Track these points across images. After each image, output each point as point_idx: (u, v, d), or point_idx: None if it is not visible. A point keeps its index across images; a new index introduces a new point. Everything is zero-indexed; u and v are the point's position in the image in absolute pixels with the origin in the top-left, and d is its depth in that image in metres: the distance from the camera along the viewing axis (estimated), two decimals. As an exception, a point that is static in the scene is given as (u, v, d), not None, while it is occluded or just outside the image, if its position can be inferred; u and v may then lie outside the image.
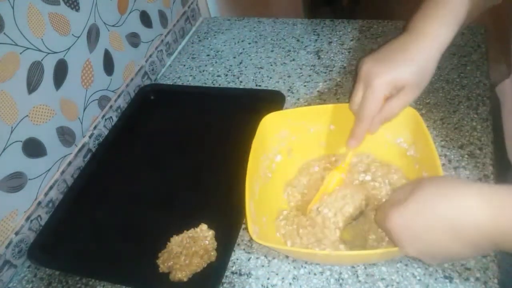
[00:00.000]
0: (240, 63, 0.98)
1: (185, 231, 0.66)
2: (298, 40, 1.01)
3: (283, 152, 0.70)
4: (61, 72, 0.76)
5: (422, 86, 0.55)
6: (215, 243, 0.64)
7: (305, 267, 0.61)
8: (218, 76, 0.96)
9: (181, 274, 0.61)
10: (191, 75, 0.99)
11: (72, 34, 0.77)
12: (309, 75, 0.91)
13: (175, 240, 0.65)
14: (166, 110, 0.91)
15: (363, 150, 0.69)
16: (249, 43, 1.03)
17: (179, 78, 1.00)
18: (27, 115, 0.70)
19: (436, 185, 0.47)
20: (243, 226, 0.66)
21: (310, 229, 0.61)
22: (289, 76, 0.92)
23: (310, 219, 0.62)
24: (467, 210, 0.43)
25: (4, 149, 0.66)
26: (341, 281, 0.59)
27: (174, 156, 0.79)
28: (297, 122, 0.68)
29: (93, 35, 0.82)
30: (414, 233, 0.46)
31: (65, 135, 0.78)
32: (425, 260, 0.50)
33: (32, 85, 0.70)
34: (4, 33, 0.64)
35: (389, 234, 0.49)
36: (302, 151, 0.70)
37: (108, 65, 0.88)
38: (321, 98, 0.85)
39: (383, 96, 0.54)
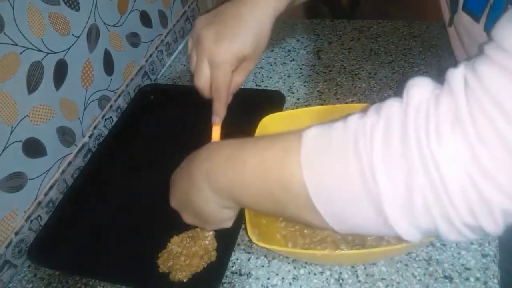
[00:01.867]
0: (240, 63, 0.98)
1: (185, 231, 0.66)
2: (298, 40, 1.01)
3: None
4: (61, 72, 0.76)
5: (260, 53, 0.58)
6: (215, 243, 0.64)
7: (305, 267, 0.61)
8: (218, 76, 0.96)
9: (181, 275, 0.61)
10: (191, 75, 0.99)
11: (72, 34, 0.77)
12: (309, 75, 0.91)
13: (175, 240, 0.65)
14: (166, 110, 0.91)
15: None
16: (249, 43, 1.03)
17: (179, 78, 1.00)
18: (27, 115, 0.70)
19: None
20: (243, 226, 0.66)
21: (314, 229, 0.61)
22: (289, 76, 0.92)
23: None
24: (196, 155, 0.52)
25: (4, 149, 0.66)
26: (341, 281, 0.59)
27: (174, 156, 0.79)
28: (296, 123, 0.68)
29: (93, 35, 0.82)
30: (173, 180, 0.57)
31: (65, 135, 0.78)
32: (181, 211, 0.57)
33: (32, 85, 0.70)
34: (4, 33, 0.64)
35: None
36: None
37: (108, 65, 0.88)
38: (321, 98, 0.85)
39: (231, 72, 0.57)
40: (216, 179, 0.48)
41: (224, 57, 0.55)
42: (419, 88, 0.36)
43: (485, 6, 0.46)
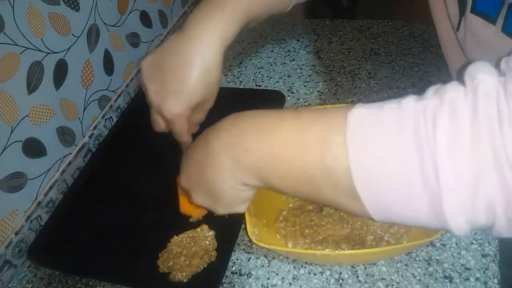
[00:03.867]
0: (240, 63, 0.98)
1: (185, 231, 0.66)
2: (298, 40, 1.01)
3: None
4: (61, 72, 0.76)
5: (215, 93, 0.54)
6: (215, 243, 0.64)
7: (305, 267, 0.61)
8: (218, 76, 0.96)
9: (181, 275, 0.61)
10: (191, 75, 0.99)
11: (72, 34, 0.77)
12: (309, 75, 0.91)
13: (175, 240, 0.65)
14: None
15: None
16: (249, 43, 1.03)
17: (179, 78, 1.00)
18: (27, 115, 0.70)
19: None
20: (243, 226, 0.66)
21: (316, 228, 0.61)
22: (289, 76, 0.92)
23: (320, 217, 0.62)
24: (215, 129, 0.46)
25: (4, 149, 0.66)
26: (341, 281, 0.59)
27: (174, 156, 0.79)
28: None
29: (93, 35, 0.82)
30: (186, 157, 0.50)
31: (65, 135, 0.78)
32: (192, 190, 0.50)
33: (32, 85, 0.70)
34: (4, 33, 0.64)
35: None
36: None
37: (108, 65, 0.88)
38: (321, 98, 0.85)
39: (185, 122, 0.55)
40: (242, 152, 0.42)
41: (174, 113, 0.52)
42: (485, 74, 0.31)
43: (501, 7, 0.44)
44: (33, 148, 0.72)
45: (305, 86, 0.89)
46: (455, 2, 0.52)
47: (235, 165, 0.43)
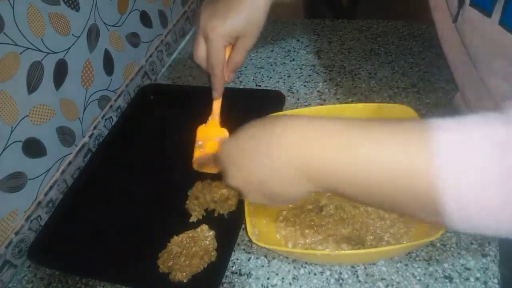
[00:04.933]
0: (240, 63, 0.98)
1: (185, 231, 0.66)
2: (298, 40, 1.01)
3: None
4: (61, 72, 0.76)
5: (257, 33, 0.59)
6: (215, 243, 0.64)
7: (305, 267, 0.61)
8: (218, 76, 0.96)
9: (181, 275, 0.61)
10: (191, 75, 0.99)
11: (72, 34, 0.77)
12: (309, 75, 0.91)
13: (175, 240, 0.65)
14: (166, 110, 0.91)
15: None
16: (249, 43, 1.03)
17: (179, 78, 1.00)
18: (27, 115, 0.70)
19: (263, 119, 0.48)
20: (243, 226, 0.66)
21: (316, 228, 0.61)
22: (289, 76, 0.92)
23: (320, 218, 0.62)
24: (280, 140, 0.43)
25: (4, 149, 0.66)
26: (341, 281, 0.59)
27: (174, 156, 0.79)
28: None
29: (93, 35, 0.82)
30: (234, 159, 0.48)
31: (65, 135, 0.78)
32: (249, 195, 0.49)
33: (32, 85, 0.70)
34: (4, 33, 0.64)
35: (221, 165, 0.50)
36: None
37: (108, 65, 0.88)
38: (321, 98, 0.85)
39: (223, 47, 0.59)
40: (315, 167, 0.42)
41: (216, 32, 0.57)
42: None
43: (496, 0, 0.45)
44: (33, 148, 0.72)
45: (305, 86, 0.89)
46: None
47: (307, 179, 0.43)
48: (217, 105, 0.66)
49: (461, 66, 0.61)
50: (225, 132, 0.66)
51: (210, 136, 0.66)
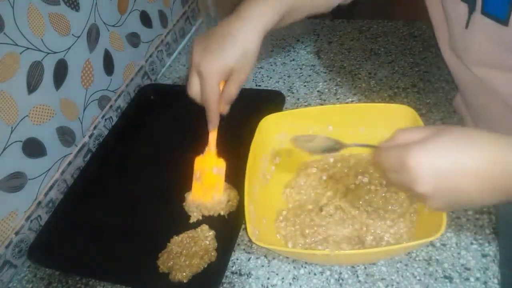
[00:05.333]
0: (240, 63, 0.98)
1: (185, 231, 0.66)
2: (298, 40, 1.01)
3: (282, 153, 0.70)
4: (61, 72, 0.76)
5: (250, 67, 0.59)
6: (216, 243, 0.64)
7: (305, 267, 0.61)
8: (218, 76, 0.96)
9: (181, 275, 0.61)
10: (191, 75, 0.99)
11: (72, 34, 0.77)
12: (309, 75, 0.91)
13: (175, 240, 0.66)
14: (166, 110, 0.91)
15: (362, 150, 0.69)
16: (249, 43, 1.03)
17: (179, 78, 1.00)
18: (27, 115, 0.70)
19: (462, 131, 0.45)
20: (243, 226, 0.66)
21: (316, 228, 0.61)
22: (289, 76, 0.92)
23: (320, 218, 0.62)
24: (496, 159, 0.42)
25: (4, 149, 0.66)
26: (341, 281, 0.59)
27: (174, 156, 0.79)
28: (295, 123, 0.68)
29: (93, 35, 0.82)
30: (436, 172, 0.43)
31: (65, 135, 0.78)
32: (435, 202, 0.46)
33: (32, 85, 0.70)
34: (4, 33, 0.64)
35: (405, 173, 0.45)
36: (300, 152, 0.70)
37: (108, 65, 0.88)
38: (321, 98, 0.85)
39: (216, 83, 0.58)
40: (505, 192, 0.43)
41: (210, 69, 0.56)
42: None
43: (510, 9, 0.45)
44: (33, 148, 0.72)
45: (305, 86, 0.89)
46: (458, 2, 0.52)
47: (501, 193, 0.43)
48: (213, 136, 0.66)
49: (459, 69, 0.60)
50: (222, 162, 0.66)
51: (207, 167, 0.66)
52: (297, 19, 0.63)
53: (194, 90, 0.60)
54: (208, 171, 0.66)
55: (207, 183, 0.67)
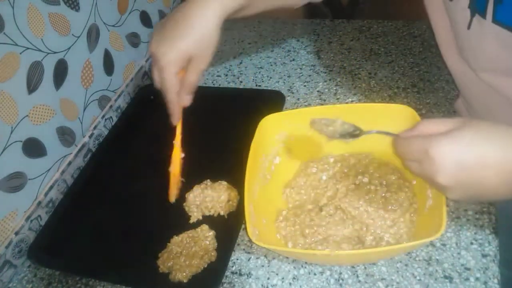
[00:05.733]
0: (240, 63, 0.98)
1: (185, 231, 0.66)
2: (298, 40, 1.01)
3: (282, 153, 0.70)
4: (61, 72, 0.76)
5: (209, 53, 0.56)
6: (216, 243, 0.64)
7: (305, 267, 0.61)
8: (218, 76, 0.96)
9: (181, 275, 0.61)
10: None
11: (72, 34, 0.77)
12: (309, 75, 0.91)
13: (175, 240, 0.66)
14: (166, 110, 0.91)
15: (362, 150, 0.69)
16: (249, 43, 1.03)
17: (179, 78, 1.00)
18: (27, 115, 0.70)
19: (488, 124, 0.44)
20: (243, 226, 0.66)
21: (316, 228, 0.61)
22: (289, 76, 0.92)
23: (320, 218, 0.62)
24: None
25: (4, 149, 0.66)
26: (341, 281, 0.59)
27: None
28: (295, 123, 0.68)
29: (93, 35, 0.82)
30: (459, 164, 0.42)
31: (65, 135, 0.78)
32: (455, 194, 0.45)
33: (32, 85, 0.70)
34: (4, 33, 0.64)
35: (427, 163, 0.44)
36: (300, 152, 0.70)
37: (108, 65, 0.88)
38: (321, 98, 0.85)
39: (173, 73, 0.56)
40: None
41: (165, 59, 0.54)
42: None
43: None
44: (33, 148, 0.72)
45: (305, 86, 0.89)
46: (465, 8, 0.52)
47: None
48: (178, 130, 0.65)
49: (464, 74, 0.60)
50: (175, 159, 0.66)
51: (174, 159, 0.66)
52: (262, 9, 0.61)
53: (157, 81, 0.58)
54: (174, 162, 0.67)
55: (174, 173, 0.67)
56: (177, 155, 0.66)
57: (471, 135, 0.43)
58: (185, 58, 0.55)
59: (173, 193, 0.67)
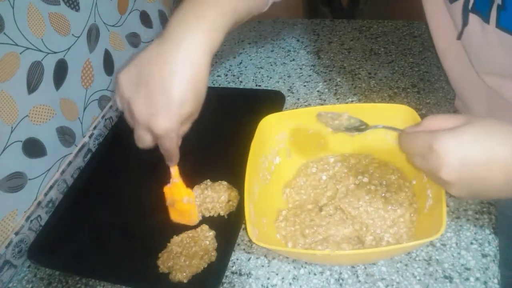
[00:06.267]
0: (240, 63, 0.98)
1: (185, 231, 0.66)
2: (298, 40, 1.01)
3: (282, 153, 0.70)
4: (61, 72, 0.76)
5: (202, 101, 0.50)
6: (216, 243, 0.64)
7: (305, 267, 0.61)
8: (218, 76, 0.96)
9: (181, 275, 0.61)
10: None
11: (72, 34, 0.77)
12: (309, 75, 0.91)
13: (175, 240, 0.66)
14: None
15: (362, 151, 0.69)
16: (249, 43, 1.03)
17: (179, 78, 1.00)
18: (27, 115, 0.70)
19: (494, 122, 0.44)
20: (243, 226, 0.66)
21: (316, 228, 0.61)
22: (289, 76, 0.92)
23: (320, 218, 0.62)
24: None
25: (4, 149, 0.66)
26: (341, 281, 0.59)
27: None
28: (295, 123, 0.68)
29: (93, 35, 0.82)
30: (464, 161, 0.42)
31: (65, 135, 0.78)
32: (458, 190, 0.44)
33: (32, 85, 0.70)
34: (4, 33, 0.64)
35: (432, 158, 0.43)
36: (300, 152, 0.70)
37: (108, 65, 0.88)
38: (321, 98, 0.85)
39: (176, 138, 0.51)
40: None
41: (164, 129, 0.48)
42: None
43: None
44: (33, 148, 0.72)
45: (305, 86, 0.89)
46: (459, 14, 0.52)
47: None
48: (175, 170, 0.62)
49: (463, 77, 0.60)
50: (190, 192, 0.64)
51: (177, 197, 0.64)
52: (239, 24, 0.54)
53: (147, 144, 0.52)
54: (179, 200, 0.64)
55: (181, 210, 0.65)
56: (185, 192, 0.63)
57: (476, 131, 0.43)
58: (182, 120, 0.49)
59: (195, 216, 0.67)
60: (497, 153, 0.42)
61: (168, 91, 0.46)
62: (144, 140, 0.51)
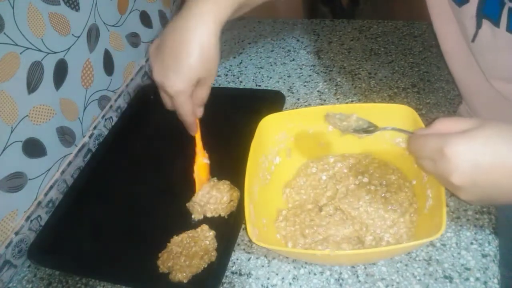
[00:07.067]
0: (240, 63, 0.98)
1: (185, 231, 0.66)
2: (298, 40, 1.01)
3: (282, 153, 0.70)
4: (61, 72, 0.76)
5: (215, 68, 0.56)
6: (216, 243, 0.64)
7: (305, 267, 0.61)
8: (218, 76, 0.96)
9: (181, 275, 0.61)
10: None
11: (72, 34, 0.77)
12: (309, 75, 0.91)
13: (175, 240, 0.66)
14: (166, 110, 0.91)
15: (362, 150, 0.69)
16: (249, 43, 1.03)
17: (179, 78, 1.00)
18: (27, 115, 0.70)
19: (507, 126, 0.43)
20: (243, 226, 0.66)
21: (316, 228, 0.61)
22: (289, 76, 0.92)
23: (320, 218, 0.62)
24: None
25: (4, 149, 0.66)
26: (341, 281, 0.59)
27: (174, 156, 0.79)
28: (295, 123, 0.68)
29: (93, 35, 0.82)
30: (475, 165, 0.41)
31: (65, 135, 0.79)
32: (468, 195, 0.44)
33: (32, 85, 0.70)
34: (4, 33, 0.64)
35: (442, 162, 0.43)
36: (300, 152, 0.71)
37: (108, 65, 0.88)
38: (321, 98, 0.85)
39: (187, 99, 0.56)
40: None
41: (175, 89, 0.54)
42: None
43: None
44: (33, 148, 0.72)
45: (305, 86, 0.89)
46: (473, 17, 0.52)
47: None
48: (198, 138, 0.69)
49: (471, 81, 0.60)
50: (206, 156, 0.71)
51: (199, 166, 0.71)
52: (256, 4, 0.60)
53: (169, 105, 0.59)
54: (201, 161, 0.71)
55: (201, 167, 0.71)
56: (201, 162, 0.70)
57: (488, 135, 0.42)
58: (194, 83, 0.55)
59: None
60: (509, 157, 0.41)
61: (177, 56, 0.53)
62: (165, 102, 0.59)
